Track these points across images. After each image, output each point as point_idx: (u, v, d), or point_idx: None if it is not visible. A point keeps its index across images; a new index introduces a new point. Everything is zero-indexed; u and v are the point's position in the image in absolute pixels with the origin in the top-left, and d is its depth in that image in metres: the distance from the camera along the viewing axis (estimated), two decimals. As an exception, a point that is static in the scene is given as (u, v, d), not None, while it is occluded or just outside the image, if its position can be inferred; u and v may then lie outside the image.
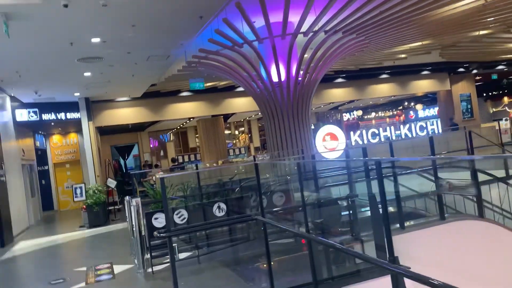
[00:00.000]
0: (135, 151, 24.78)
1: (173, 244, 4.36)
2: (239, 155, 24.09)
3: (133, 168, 26.29)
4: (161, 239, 6.63)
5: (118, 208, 15.10)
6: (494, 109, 33.83)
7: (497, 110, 33.37)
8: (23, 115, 14.06)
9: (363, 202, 6.19)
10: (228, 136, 25.27)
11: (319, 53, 9.60)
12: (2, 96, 12.60)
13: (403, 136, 16.17)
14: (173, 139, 25.17)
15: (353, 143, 15.48)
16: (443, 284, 2.02)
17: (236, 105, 18.74)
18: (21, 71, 10.12)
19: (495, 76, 25.21)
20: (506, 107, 32.92)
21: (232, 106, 18.71)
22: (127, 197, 8.13)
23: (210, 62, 9.78)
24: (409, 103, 36.00)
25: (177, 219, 6.73)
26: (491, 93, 32.84)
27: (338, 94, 19.93)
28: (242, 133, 25.46)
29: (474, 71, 22.34)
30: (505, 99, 33.04)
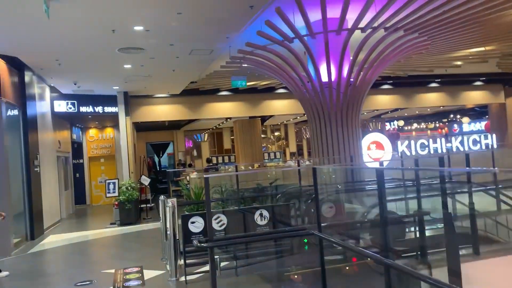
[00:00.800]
0: (170, 149, 24.54)
1: (215, 256, 3.71)
2: (274, 160, 23.43)
3: (167, 167, 26.10)
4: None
5: (150, 207, 14.70)
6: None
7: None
8: (61, 106, 13.90)
9: (430, 221, 5.36)
10: (263, 139, 24.64)
11: (375, 53, 8.80)
12: (42, 86, 12.43)
13: (454, 149, 15.06)
14: (208, 139, 24.77)
15: (400, 154, 14.52)
16: None
17: (276, 107, 18.07)
18: (61, 59, 9.82)
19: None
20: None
21: (271, 108, 18.05)
22: (162, 197, 7.60)
23: (256, 58, 9.16)
24: (454, 116, 34.32)
25: (215, 225, 6.10)
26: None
27: (384, 101, 18.92)
28: (279, 138, 24.76)
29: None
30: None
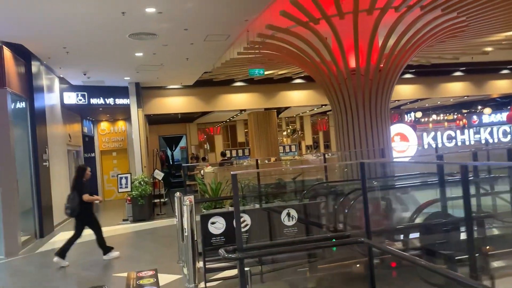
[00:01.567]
0: (183, 143, 24.00)
1: (246, 268, 3.09)
2: (289, 153, 22.74)
3: (180, 160, 25.58)
4: (218, 244, 5.43)
5: (164, 202, 14.18)
6: None
7: None
8: (71, 98, 13.38)
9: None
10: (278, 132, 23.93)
11: (407, 35, 8.05)
12: (50, 77, 11.91)
13: (483, 141, 14.23)
14: (221, 132, 24.15)
15: (426, 146, 13.75)
16: None
17: (292, 99, 17.37)
18: (69, 47, 9.25)
19: None
20: None
21: (288, 100, 17.35)
22: (177, 193, 6.99)
23: (277, 43, 8.47)
24: (473, 107, 33.20)
25: (238, 226, 5.47)
26: None
27: (405, 91, 18.07)
28: (294, 131, 24.03)
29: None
30: None
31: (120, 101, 14.42)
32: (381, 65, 8.43)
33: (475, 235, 3.65)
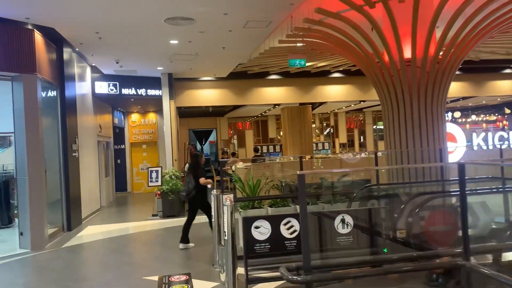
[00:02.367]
0: (212, 137, 23.54)
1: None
2: (321, 151, 21.93)
3: (209, 155, 25.16)
4: (261, 252, 4.81)
5: (193, 197, 13.67)
6: None
7: None
8: (103, 88, 13.02)
9: None
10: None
11: (473, 22, 7.19)
12: (82, 66, 11.55)
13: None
14: (252, 128, 23.55)
15: (475, 147, 12.74)
16: None
17: (329, 94, 16.56)
18: (102, 32, 8.79)
19: None
20: None
21: (324, 94, 16.56)
22: (214, 191, 6.42)
23: (326, 30, 7.75)
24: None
25: (285, 232, 4.83)
26: None
27: (451, 89, 16.91)
28: (327, 127, 23.17)
29: None
30: None
31: (152, 92, 14.01)
32: (440, 56, 7.58)
33: None
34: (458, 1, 6.83)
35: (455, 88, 17.09)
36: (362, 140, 22.85)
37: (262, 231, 4.72)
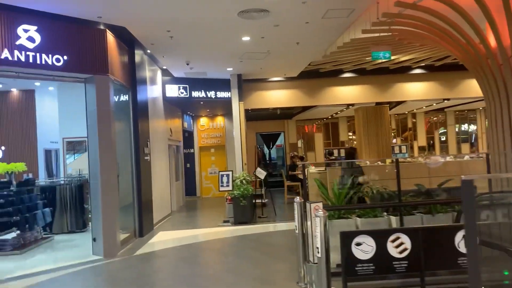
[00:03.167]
0: (280, 141, 22.90)
1: None
2: (398, 154, 20.46)
3: (276, 159, 24.54)
4: (364, 273, 4.00)
5: (264, 203, 13.06)
6: None
7: None
8: (173, 91, 12.84)
9: None
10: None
11: None
12: (153, 69, 11.39)
13: None
14: (321, 130, 22.58)
15: None
16: None
17: (409, 92, 15.24)
18: (173, 30, 8.43)
19: None
20: None
21: (404, 93, 15.26)
22: (297, 198, 5.68)
23: (421, 15, 6.77)
24: None
25: (393, 250, 3.97)
26: None
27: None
28: (406, 129, 21.61)
29: None
30: None
31: (221, 94, 13.64)
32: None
33: None
34: None
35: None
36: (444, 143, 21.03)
37: (365, 249, 3.90)
